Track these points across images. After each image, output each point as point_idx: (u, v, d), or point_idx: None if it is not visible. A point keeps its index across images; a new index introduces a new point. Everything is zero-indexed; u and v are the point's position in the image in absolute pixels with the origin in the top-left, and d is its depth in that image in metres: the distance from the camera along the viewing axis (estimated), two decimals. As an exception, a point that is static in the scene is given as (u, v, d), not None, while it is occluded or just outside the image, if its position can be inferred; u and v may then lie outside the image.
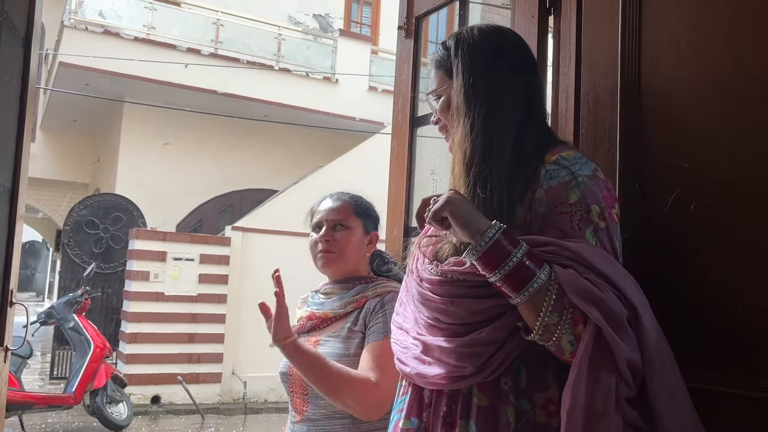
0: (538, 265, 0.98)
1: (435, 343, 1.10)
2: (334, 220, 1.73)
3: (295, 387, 1.67)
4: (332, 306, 1.70)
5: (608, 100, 1.34)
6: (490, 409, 1.06)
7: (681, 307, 1.16)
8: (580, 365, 0.95)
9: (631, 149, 1.29)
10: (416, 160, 1.93)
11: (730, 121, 1.16)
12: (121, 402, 6.65)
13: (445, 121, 1.23)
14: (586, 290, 0.95)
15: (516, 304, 0.99)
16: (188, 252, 8.19)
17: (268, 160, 11.25)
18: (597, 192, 1.06)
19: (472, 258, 1.00)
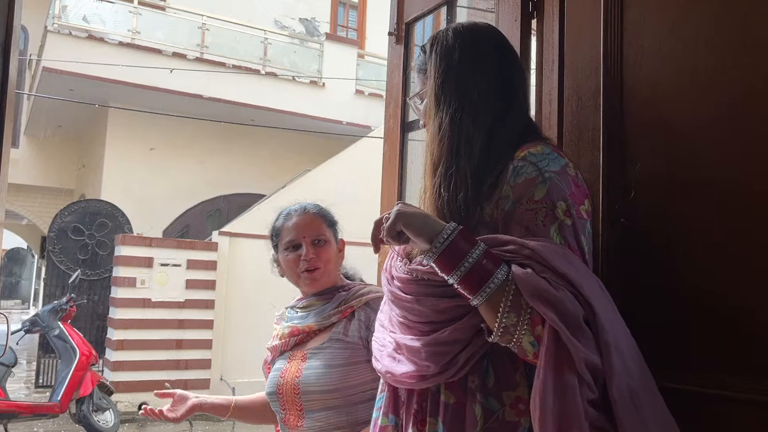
0: (495, 265, 0.98)
1: (403, 341, 1.11)
2: (312, 236, 1.69)
3: (288, 404, 1.64)
4: (315, 319, 1.68)
5: (591, 103, 1.35)
6: (457, 406, 1.06)
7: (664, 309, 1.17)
8: (545, 370, 0.93)
9: (614, 152, 1.30)
10: (408, 164, 1.94)
11: (710, 125, 1.17)
12: (107, 410, 6.59)
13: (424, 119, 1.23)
14: (542, 290, 0.94)
15: (475, 305, 0.99)
16: (175, 258, 8.14)
17: (255, 164, 11.22)
18: (564, 188, 1.05)
19: (429, 260, 1.02)
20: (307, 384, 1.59)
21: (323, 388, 1.57)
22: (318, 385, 1.58)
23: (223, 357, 8.26)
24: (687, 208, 1.18)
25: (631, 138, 1.29)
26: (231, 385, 8.18)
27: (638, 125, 1.28)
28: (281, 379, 1.65)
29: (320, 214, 1.75)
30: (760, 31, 1.12)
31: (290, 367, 1.65)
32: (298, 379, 1.61)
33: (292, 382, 1.62)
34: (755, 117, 1.11)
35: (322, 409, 1.58)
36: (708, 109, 1.18)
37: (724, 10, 1.17)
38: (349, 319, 1.64)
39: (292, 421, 1.63)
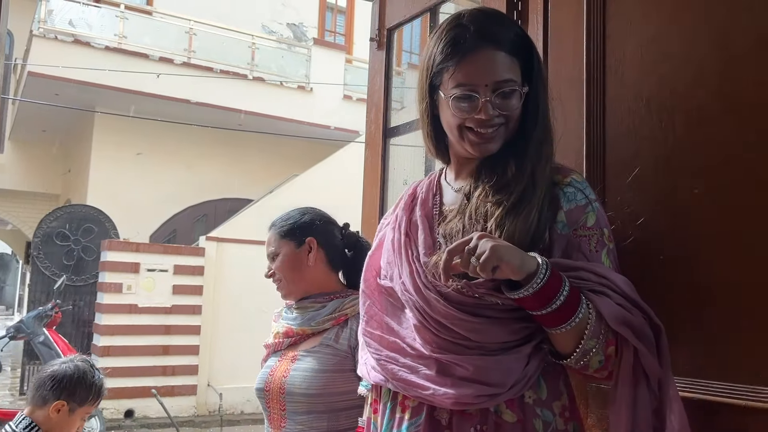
0: (578, 299, 1.02)
1: (464, 362, 1.08)
2: (268, 253, 1.78)
3: (272, 403, 1.66)
4: (309, 322, 1.70)
5: (575, 112, 1.37)
6: (519, 424, 1.07)
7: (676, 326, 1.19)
8: (624, 387, 1.03)
9: (596, 162, 1.32)
10: (389, 170, 1.95)
11: (687, 134, 1.19)
12: (93, 417, 6.52)
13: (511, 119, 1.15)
14: (623, 316, 1.02)
15: (555, 333, 1.03)
16: (162, 263, 8.10)
17: (243, 169, 11.19)
18: (605, 216, 1.13)
19: (521, 295, 1.01)
20: (292, 385, 1.61)
21: (307, 391, 1.59)
22: (303, 388, 1.59)
23: (211, 363, 8.22)
24: (667, 215, 1.20)
25: (612, 148, 1.31)
26: (218, 391, 8.14)
27: (620, 134, 1.30)
28: (270, 377, 1.67)
29: (275, 230, 1.78)
30: (736, 45, 1.14)
31: (280, 367, 1.67)
32: (285, 379, 1.63)
33: (279, 382, 1.64)
34: (731, 126, 1.13)
35: (304, 412, 1.60)
36: (687, 118, 1.20)
37: (703, 24, 1.20)
38: (342, 326, 1.65)
39: (275, 421, 1.66)
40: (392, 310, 1.21)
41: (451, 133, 1.17)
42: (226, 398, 8.16)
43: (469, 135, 1.14)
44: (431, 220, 1.21)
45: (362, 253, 1.78)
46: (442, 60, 1.14)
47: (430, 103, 1.19)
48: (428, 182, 1.28)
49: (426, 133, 1.24)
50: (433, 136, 1.24)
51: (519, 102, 1.13)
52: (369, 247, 1.81)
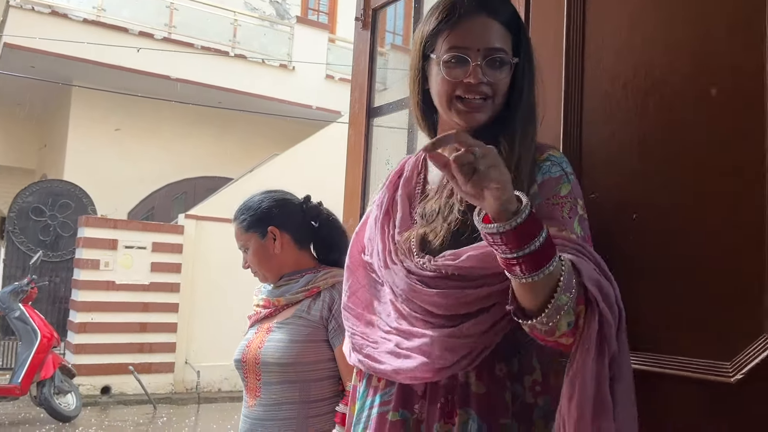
0: (553, 246, 0.97)
1: (422, 335, 1.09)
2: (238, 246, 1.83)
3: (249, 374, 1.72)
4: (284, 294, 1.75)
5: (554, 95, 1.40)
6: (488, 395, 1.09)
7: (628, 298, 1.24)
8: (586, 353, 0.98)
9: (573, 142, 1.36)
10: (372, 150, 1.97)
11: (662, 119, 1.24)
12: (69, 393, 6.53)
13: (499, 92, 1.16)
14: (597, 278, 1.01)
15: (528, 282, 0.95)
16: (140, 240, 8.06)
17: (223, 147, 11.12)
18: (579, 188, 1.17)
19: (500, 229, 0.93)
20: (266, 355, 1.67)
21: (280, 360, 1.65)
22: (276, 358, 1.65)
23: (189, 341, 8.22)
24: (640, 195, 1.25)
25: (588, 133, 1.35)
26: (196, 368, 8.16)
27: (595, 119, 1.34)
28: (247, 348, 1.73)
29: (238, 224, 1.82)
30: (710, 31, 1.18)
31: (256, 338, 1.73)
32: (260, 350, 1.68)
33: (254, 352, 1.69)
34: (704, 110, 1.17)
35: (277, 382, 1.66)
36: (661, 102, 1.24)
37: (680, 9, 1.23)
38: (314, 298, 1.71)
39: (252, 391, 1.72)
40: (374, 285, 1.24)
41: (440, 103, 1.18)
42: (203, 376, 8.19)
43: (457, 104, 1.16)
44: (412, 198, 1.23)
45: (327, 221, 1.83)
46: (437, 24, 1.16)
47: (421, 74, 1.21)
48: (415, 160, 1.30)
49: (415, 103, 1.25)
50: (421, 107, 1.25)
51: (507, 75, 1.16)
52: (332, 216, 1.86)
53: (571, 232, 1.08)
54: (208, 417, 7.37)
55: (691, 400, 1.15)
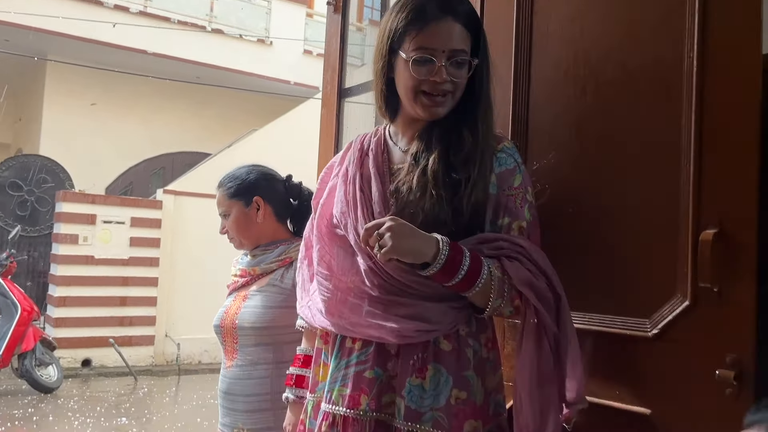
0: (479, 263, 1.22)
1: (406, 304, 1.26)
2: (219, 212, 1.93)
3: (227, 337, 1.85)
4: (259, 263, 1.87)
5: (504, 80, 1.53)
6: (454, 352, 1.27)
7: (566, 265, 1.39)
8: (527, 341, 1.23)
9: (521, 125, 1.50)
10: (344, 129, 2.09)
11: (597, 103, 1.38)
12: (50, 365, 6.62)
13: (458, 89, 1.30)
14: (528, 279, 1.22)
15: (468, 295, 1.23)
16: (118, 215, 8.09)
17: (201, 122, 11.11)
18: (528, 176, 1.33)
19: (427, 273, 1.21)
20: (243, 320, 1.80)
21: (255, 325, 1.78)
22: (251, 322, 1.78)
23: (168, 314, 8.33)
24: (578, 174, 1.40)
25: (535, 111, 1.49)
26: (176, 341, 8.28)
27: (541, 100, 1.48)
28: (225, 314, 1.86)
29: (223, 190, 1.92)
30: (639, 25, 1.32)
31: (233, 305, 1.86)
32: (237, 315, 1.82)
33: (232, 318, 1.83)
34: (631, 95, 1.32)
35: (253, 344, 1.79)
36: (596, 88, 1.38)
37: (614, 8, 1.37)
38: (287, 268, 1.83)
39: (229, 353, 1.85)
40: (343, 255, 1.36)
41: (406, 95, 1.31)
42: (183, 348, 8.31)
43: (422, 98, 1.29)
44: (383, 176, 1.35)
45: (306, 200, 1.95)
46: (405, 25, 1.28)
47: (387, 64, 1.33)
48: (376, 139, 1.42)
49: (378, 91, 1.37)
50: (384, 95, 1.37)
51: (467, 73, 1.30)
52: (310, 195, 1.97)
53: (522, 219, 1.28)
54: (189, 388, 7.51)
55: (617, 351, 1.31)
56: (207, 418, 5.94)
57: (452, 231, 1.24)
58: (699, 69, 1.21)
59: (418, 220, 1.24)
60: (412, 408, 1.24)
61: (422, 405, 1.24)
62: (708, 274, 1.15)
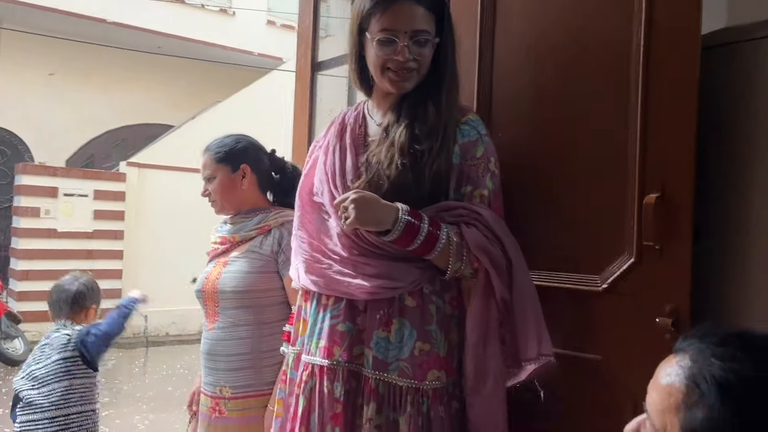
0: (438, 228, 1.33)
1: (379, 263, 1.38)
2: (204, 176, 1.99)
3: (208, 301, 1.93)
4: (239, 231, 1.95)
5: (470, 56, 1.64)
6: (418, 308, 1.39)
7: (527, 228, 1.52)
8: (477, 299, 1.34)
9: (485, 99, 1.61)
10: (318, 101, 2.17)
11: (557, 78, 1.50)
12: (16, 338, 6.59)
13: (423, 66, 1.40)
14: (483, 244, 1.32)
15: (430, 258, 1.34)
16: (81, 188, 7.99)
17: (163, 94, 10.93)
18: (492, 147, 1.42)
19: (391, 238, 1.32)
20: (224, 285, 1.88)
21: (236, 289, 1.87)
22: (232, 287, 1.87)
23: (135, 287, 8.26)
24: (538, 140, 1.52)
25: (498, 86, 1.60)
26: (143, 314, 8.28)
27: (505, 76, 1.59)
28: (206, 280, 1.94)
29: (211, 154, 1.99)
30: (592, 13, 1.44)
31: (214, 271, 1.94)
32: (218, 280, 1.90)
33: (213, 283, 1.91)
34: (586, 70, 1.44)
35: (234, 307, 1.88)
36: (556, 64, 1.50)
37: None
38: (266, 235, 1.92)
39: (210, 316, 1.93)
40: (320, 220, 1.49)
41: (374, 71, 1.43)
42: (151, 321, 8.32)
43: (388, 74, 1.41)
44: (358, 147, 1.47)
45: (287, 175, 2.04)
46: (371, 7, 1.39)
47: (358, 43, 1.45)
48: (355, 113, 1.53)
49: (352, 68, 1.50)
50: (358, 72, 1.49)
51: (431, 51, 1.41)
52: (293, 170, 2.06)
53: (484, 188, 1.39)
54: (157, 359, 7.55)
55: (572, 305, 1.45)
56: (178, 387, 6.02)
57: (416, 199, 1.35)
58: (645, 48, 1.33)
59: (383, 189, 1.36)
60: (379, 358, 1.37)
61: (388, 356, 1.37)
62: (651, 234, 1.29)
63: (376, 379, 1.37)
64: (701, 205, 1.28)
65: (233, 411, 1.86)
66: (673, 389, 0.73)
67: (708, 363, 0.71)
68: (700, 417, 0.68)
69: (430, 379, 1.36)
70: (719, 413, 0.67)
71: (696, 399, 0.69)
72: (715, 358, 0.71)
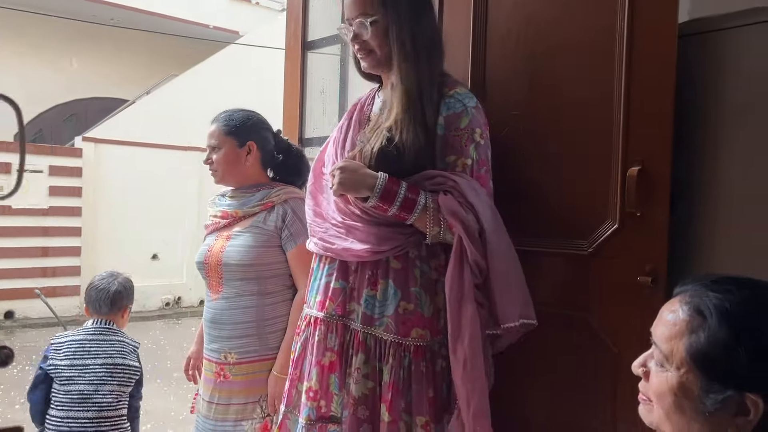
0: (416, 194, 1.44)
1: (365, 228, 1.51)
2: (209, 144, 2.05)
3: (211, 272, 2.01)
4: (242, 206, 2.03)
5: (464, 41, 1.76)
6: (403, 271, 1.52)
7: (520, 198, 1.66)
8: (451, 262, 1.43)
9: (478, 82, 1.74)
10: (308, 80, 2.24)
11: (545, 63, 1.63)
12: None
13: (373, 45, 1.53)
14: (456, 210, 1.41)
15: (410, 222, 1.46)
16: (35, 163, 7.80)
17: (115, 67, 10.67)
18: (479, 119, 1.52)
19: (371, 203, 1.45)
20: (228, 257, 1.97)
21: (241, 262, 1.95)
22: (237, 260, 1.96)
23: (94, 263, 8.19)
24: (528, 119, 1.66)
25: (491, 68, 1.73)
26: (103, 290, 8.19)
27: (496, 58, 1.72)
28: (209, 252, 2.02)
29: (221, 124, 2.05)
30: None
31: (216, 243, 2.02)
32: (222, 253, 1.98)
33: (217, 256, 1.99)
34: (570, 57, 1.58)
35: (238, 279, 1.97)
36: (545, 49, 1.63)
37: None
38: (269, 211, 2.00)
39: (214, 287, 2.02)
40: (324, 189, 1.65)
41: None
42: (112, 297, 8.24)
43: (356, 55, 1.58)
44: (362, 123, 1.61)
45: (290, 156, 2.13)
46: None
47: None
48: (369, 95, 1.68)
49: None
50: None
51: (375, 33, 1.53)
52: (297, 151, 2.15)
53: (467, 157, 1.49)
54: (120, 336, 7.51)
55: (560, 267, 1.61)
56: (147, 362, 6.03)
57: (399, 169, 1.47)
58: (629, 35, 1.48)
59: (370, 160, 1.49)
60: (367, 314, 1.53)
61: (375, 312, 1.53)
62: (633, 202, 1.45)
63: (365, 332, 1.53)
64: (677, 176, 1.45)
65: (238, 375, 1.97)
66: (677, 320, 0.88)
67: (706, 295, 0.87)
68: (703, 338, 0.84)
69: (413, 336, 1.50)
70: (719, 333, 0.83)
71: (698, 324, 0.85)
72: (712, 292, 0.87)
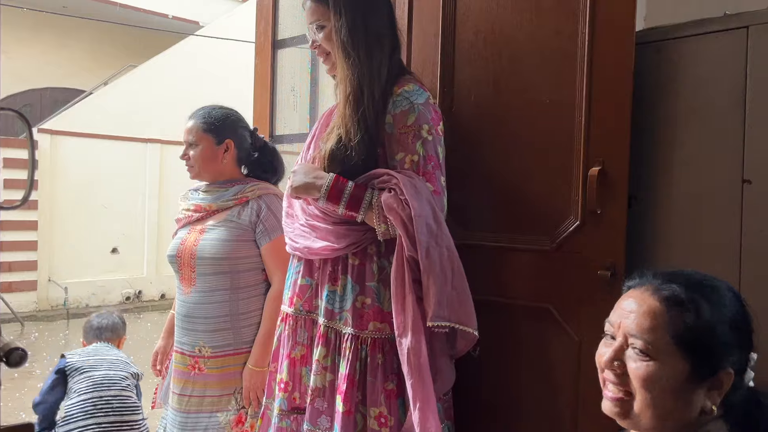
0: (362, 192, 1.51)
1: (323, 227, 1.59)
2: (187, 140, 2.08)
3: (184, 266, 2.03)
4: (216, 200, 2.06)
5: (433, 43, 1.82)
6: (361, 266, 1.58)
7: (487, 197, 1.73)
8: (395, 255, 1.50)
9: (448, 82, 1.80)
10: (278, 78, 2.28)
11: (510, 65, 1.71)
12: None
13: (328, 48, 1.60)
14: (392, 207, 1.46)
15: (360, 220, 1.53)
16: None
17: (70, 57, 10.42)
18: (427, 115, 1.55)
19: (321, 203, 1.53)
20: (202, 251, 1.99)
21: (215, 256, 1.98)
22: (211, 254, 1.98)
23: (51, 258, 8.04)
24: (493, 119, 1.73)
25: (459, 70, 1.79)
26: (62, 285, 8.06)
27: (464, 61, 1.79)
28: (182, 245, 2.04)
29: (200, 121, 2.07)
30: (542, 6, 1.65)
31: (190, 237, 2.04)
32: (196, 247, 2.00)
33: (190, 249, 2.01)
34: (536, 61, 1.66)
35: (211, 273, 1.99)
36: (510, 52, 1.71)
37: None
38: (243, 206, 2.04)
39: (186, 281, 2.04)
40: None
41: None
42: (71, 292, 8.10)
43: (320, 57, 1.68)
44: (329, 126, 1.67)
45: (265, 153, 2.16)
46: None
47: None
48: None
49: None
50: None
51: (326, 37, 1.60)
52: (272, 149, 2.19)
53: (414, 154, 1.53)
54: (78, 331, 7.38)
55: (525, 262, 1.69)
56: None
57: (350, 168, 1.53)
58: (590, 41, 1.56)
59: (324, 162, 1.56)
60: (329, 309, 1.61)
61: (335, 307, 1.61)
62: (594, 201, 1.54)
63: (326, 326, 1.60)
64: (635, 178, 1.54)
65: (213, 369, 2.01)
66: (656, 310, 0.95)
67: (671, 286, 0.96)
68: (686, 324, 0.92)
69: (370, 329, 1.56)
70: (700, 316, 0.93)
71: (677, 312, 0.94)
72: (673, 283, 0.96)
